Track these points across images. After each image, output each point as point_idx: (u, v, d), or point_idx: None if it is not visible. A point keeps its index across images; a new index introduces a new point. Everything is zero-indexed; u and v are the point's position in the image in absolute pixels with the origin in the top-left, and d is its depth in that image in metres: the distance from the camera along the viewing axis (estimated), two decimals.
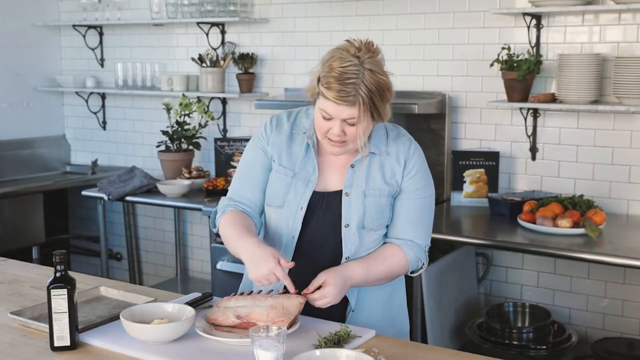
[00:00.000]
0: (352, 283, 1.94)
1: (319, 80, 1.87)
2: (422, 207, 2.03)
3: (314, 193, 2.01)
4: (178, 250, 4.80)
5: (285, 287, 1.90)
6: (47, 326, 1.82)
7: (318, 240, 2.02)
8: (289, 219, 2.02)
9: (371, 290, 2.04)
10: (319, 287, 1.89)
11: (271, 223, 2.08)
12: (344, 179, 2.01)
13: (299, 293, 1.89)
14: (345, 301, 2.00)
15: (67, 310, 1.79)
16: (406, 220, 2.02)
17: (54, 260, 1.80)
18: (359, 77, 1.83)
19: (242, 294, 1.95)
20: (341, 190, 2.00)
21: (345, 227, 1.99)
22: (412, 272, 2.07)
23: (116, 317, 1.92)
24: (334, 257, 2.00)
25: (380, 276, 2.00)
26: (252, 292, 1.96)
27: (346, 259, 2.00)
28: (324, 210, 2.01)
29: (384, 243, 2.05)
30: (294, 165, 2.03)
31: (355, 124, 1.87)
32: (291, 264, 1.87)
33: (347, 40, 1.91)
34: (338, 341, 1.79)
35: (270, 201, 2.06)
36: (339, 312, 2.02)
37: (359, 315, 2.04)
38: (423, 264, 2.06)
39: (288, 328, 1.78)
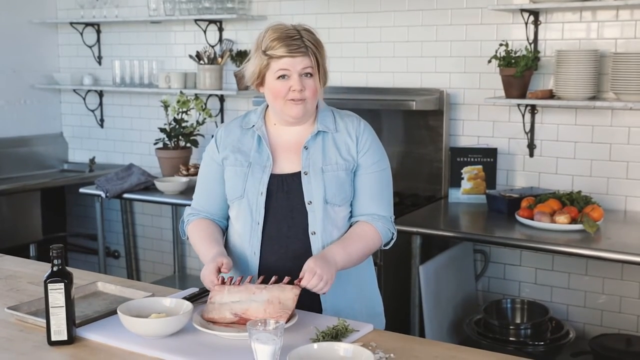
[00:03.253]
0: (337, 263, 1.96)
1: (264, 53, 1.98)
2: (381, 180, 2.10)
3: (273, 176, 2.06)
4: (176, 248, 4.80)
5: (277, 277, 1.91)
6: (44, 321, 1.82)
7: (285, 223, 2.05)
8: (251, 206, 2.06)
9: (342, 273, 2.05)
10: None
11: (238, 216, 2.11)
12: (300, 160, 2.06)
13: (291, 282, 1.89)
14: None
15: (64, 305, 1.79)
16: (368, 194, 2.08)
17: (50, 254, 1.80)
18: (300, 35, 1.98)
19: (231, 280, 1.93)
20: (299, 172, 2.05)
21: (309, 204, 2.03)
22: (385, 245, 2.12)
23: (113, 312, 1.92)
24: (302, 236, 2.04)
25: (360, 253, 2.04)
26: (242, 277, 1.95)
27: (312, 233, 2.03)
28: (285, 192, 2.05)
29: (352, 224, 2.09)
30: (248, 156, 2.09)
31: (312, 74, 1.99)
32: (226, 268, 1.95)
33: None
34: (336, 335, 1.79)
35: (231, 196, 2.11)
36: (315, 298, 2.04)
37: (334, 299, 2.05)
38: (393, 233, 2.12)
39: (286, 322, 1.78)
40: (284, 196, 2.05)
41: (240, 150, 2.10)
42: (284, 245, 2.05)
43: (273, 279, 1.92)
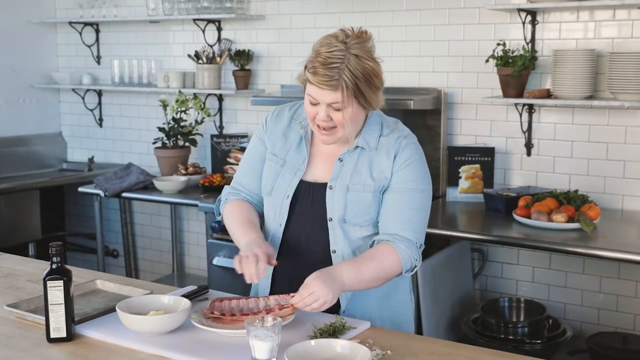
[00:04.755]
0: (343, 282, 1.84)
1: (306, 66, 1.90)
2: (412, 201, 1.95)
3: (302, 182, 2.02)
4: (174, 247, 4.80)
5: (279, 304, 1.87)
6: (44, 318, 1.83)
7: (304, 232, 2.02)
8: (276, 207, 2.04)
9: (364, 291, 1.99)
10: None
11: (265, 210, 2.11)
12: (332, 172, 2.01)
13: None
14: (338, 305, 1.98)
15: (63, 302, 1.79)
16: (395, 214, 1.95)
17: (50, 252, 1.80)
18: (343, 62, 1.84)
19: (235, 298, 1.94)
20: (327, 183, 2.00)
21: (330, 220, 1.98)
22: (406, 272, 1.96)
23: (112, 310, 1.93)
24: (321, 250, 2.00)
25: (373, 275, 1.90)
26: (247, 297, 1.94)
27: (333, 252, 1.99)
28: (310, 201, 2.01)
29: (373, 242, 1.98)
30: (286, 154, 2.06)
31: (340, 109, 1.88)
32: (274, 263, 1.93)
33: (342, 29, 1.94)
34: (333, 332, 1.80)
35: (262, 189, 2.10)
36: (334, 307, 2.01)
37: (353, 315, 2.00)
38: (416, 260, 1.95)
39: (284, 319, 1.79)
40: (308, 205, 2.01)
41: (282, 142, 2.07)
42: (301, 254, 2.01)
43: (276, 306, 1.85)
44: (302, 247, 2.02)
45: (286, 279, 2.03)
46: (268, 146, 2.09)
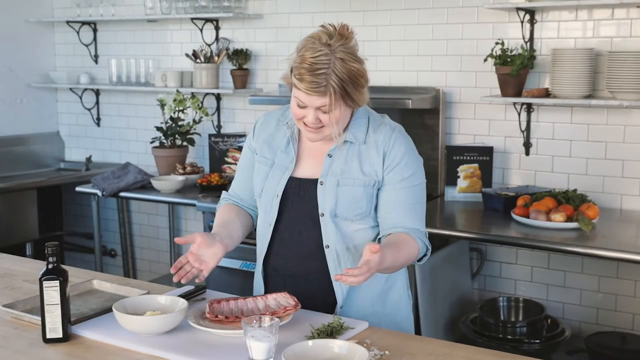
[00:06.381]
0: (381, 267, 1.82)
1: (292, 70, 1.89)
2: (413, 196, 1.99)
3: (292, 179, 2.03)
4: (172, 247, 4.80)
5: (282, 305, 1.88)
6: (40, 318, 1.82)
7: (297, 228, 2.03)
8: (266, 207, 2.05)
9: (361, 286, 1.96)
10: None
11: (258, 212, 2.13)
12: (322, 168, 2.01)
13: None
14: (334, 300, 2.01)
15: (59, 302, 1.79)
16: (401, 210, 1.98)
17: (46, 252, 1.80)
18: (329, 66, 1.84)
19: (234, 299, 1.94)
20: (318, 179, 2.01)
21: (322, 215, 1.99)
22: (418, 260, 2.02)
23: (109, 310, 1.92)
24: (314, 246, 2.00)
25: (403, 262, 1.94)
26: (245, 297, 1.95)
27: (326, 247, 1.99)
28: (301, 197, 2.02)
29: (385, 235, 1.99)
30: (274, 155, 2.07)
31: (328, 111, 1.88)
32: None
33: (322, 26, 1.92)
34: (331, 332, 1.79)
35: (254, 191, 2.11)
36: (329, 310, 2.01)
37: (348, 313, 2.00)
38: (428, 248, 2.01)
39: (281, 320, 1.78)
40: (300, 201, 2.01)
41: (270, 145, 2.08)
42: (293, 250, 2.02)
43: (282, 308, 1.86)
44: (295, 243, 2.03)
45: (279, 275, 2.06)
46: (257, 150, 2.10)
